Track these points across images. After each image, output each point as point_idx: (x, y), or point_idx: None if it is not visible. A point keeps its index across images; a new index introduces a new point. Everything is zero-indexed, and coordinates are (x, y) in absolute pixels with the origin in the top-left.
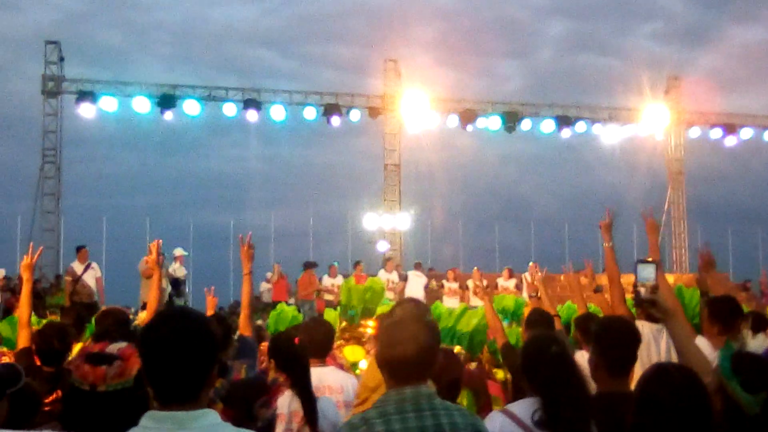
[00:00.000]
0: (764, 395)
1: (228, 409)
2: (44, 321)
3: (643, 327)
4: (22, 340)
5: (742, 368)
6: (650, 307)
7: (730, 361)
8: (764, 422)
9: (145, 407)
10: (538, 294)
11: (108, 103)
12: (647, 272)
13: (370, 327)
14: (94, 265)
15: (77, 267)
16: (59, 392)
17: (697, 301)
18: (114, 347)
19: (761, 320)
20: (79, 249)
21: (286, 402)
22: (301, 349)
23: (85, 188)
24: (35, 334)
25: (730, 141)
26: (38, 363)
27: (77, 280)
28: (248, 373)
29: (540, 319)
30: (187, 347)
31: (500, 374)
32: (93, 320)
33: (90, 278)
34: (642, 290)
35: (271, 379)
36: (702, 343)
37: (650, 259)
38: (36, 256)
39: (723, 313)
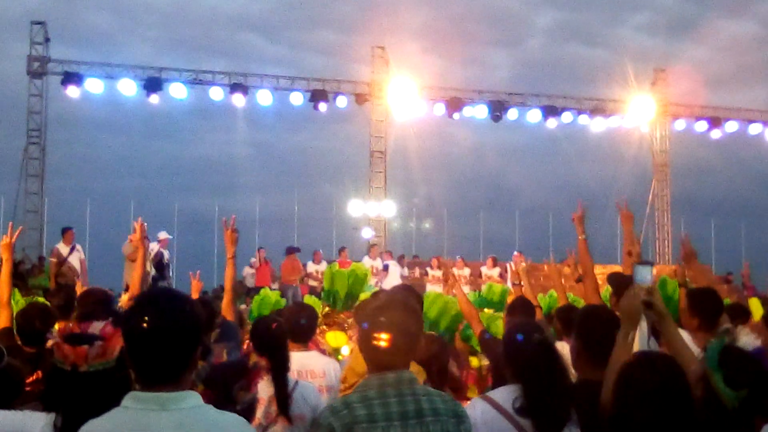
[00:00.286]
0: (745, 393)
1: (208, 391)
2: (27, 299)
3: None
4: (3, 320)
5: (728, 362)
6: (647, 309)
7: (718, 353)
8: (741, 417)
9: (127, 388)
10: (521, 282)
11: (94, 85)
12: (644, 274)
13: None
14: (78, 247)
15: (63, 248)
16: (39, 373)
17: (672, 294)
18: (96, 327)
19: (741, 311)
20: (65, 231)
21: (266, 386)
22: (280, 333)
23: (69, 170)
24: (17, 314)
25: (716, 134)
26: (19, 343)
27: (63, 261)
28: (231, 356)
29: (522, 307)
30: (171, 329)
31: (475, 362)
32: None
33: (75, 260)
34: (641, 293)
35: (252, 363)
36: (683, 336)
37: (648, 261)
38: (15, 236)
39: (704, 306)
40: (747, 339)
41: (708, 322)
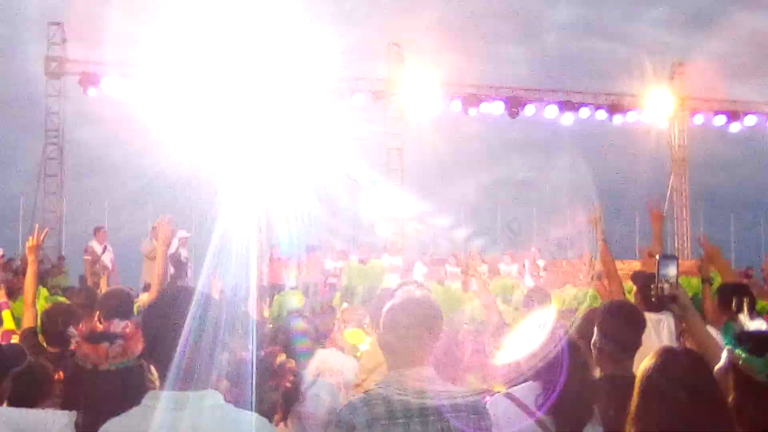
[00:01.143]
0: None
1: (234, 388)
2: (56, 298)
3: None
4: (28, 320)
5: (745, 337)
6: (671, 302)
7: (733, 334)
8: None
9: (146, 387)
10: (540, 273)
11: (111, 85)
12: (670, 268)
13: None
14: (109, 246)
15: (96, 247)
16: (61, 373)
17: (696, 290)
18: (117, 325)
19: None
20: (97, 229)
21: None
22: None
23: (87, 170)
24: (41, 314)
25: (735, 128)
26: (43, 343)
27: (97, 260)
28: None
29: (540, 300)
30: (191, 327)
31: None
32: None
33: (107, 259)
34: (666, 286)
35: (278, 362)
36: (711, 332)
37: (672, 255)
38: (41, 238)
39: (730, 300)
40: (756, 323)
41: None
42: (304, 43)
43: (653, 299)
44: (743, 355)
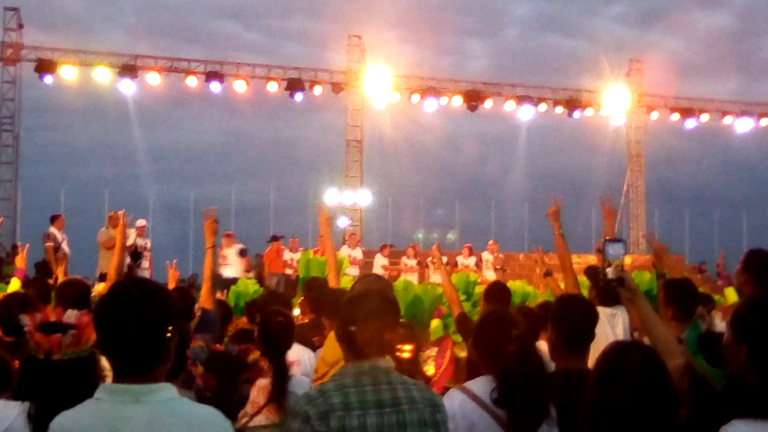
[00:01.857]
0: (729, 369)
1: (209, 376)
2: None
3: (598, 311)
4: None
5: (708, 344)
6: (618, 285)
7: (697, 339)
8: (729, 396)
9: (99, 379)
10: (503, 267)
11: (68, 72)
12: (616, 250)
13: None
14: (65, 234)
15: (57, 234)
16: (17, 362)
17: (649, 286)
18: (71, 315)
19: (709, 300)
20: (56, 217)
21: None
22: (289, 329)
23: (43, 158)
24: None
25: (690, 124)
26: None
27: (58, 247)
28: (209, 347)
29: (498, 294)
30: (143, 320)
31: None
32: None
33: (66, 247)
34: (609, 270)
35: (252, 359)
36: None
37: (619, 238)
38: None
39: (680, 297)
40: (722, 323)
41: (683, 313)
42: (265, 33)
43: (601, 283)
44: (704, 365)
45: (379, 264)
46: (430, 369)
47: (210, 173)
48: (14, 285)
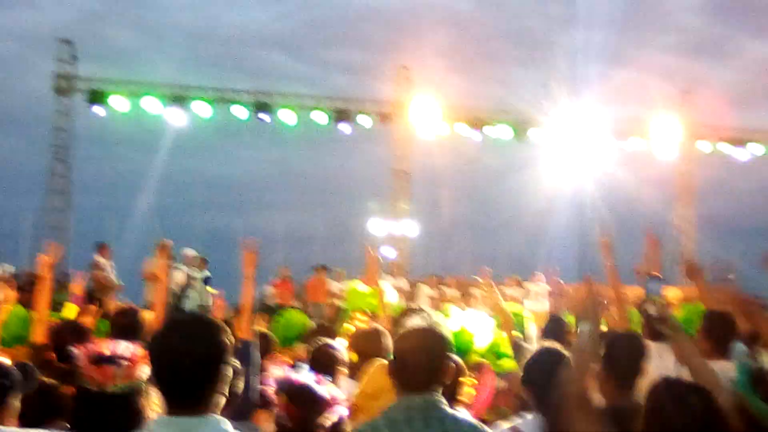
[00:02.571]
0: None
1: (293, 408)
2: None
3: (649, 345)
4: (40, 336)
5: (762, 383)
6: (660, 323)
7: (749, 376)
8: None
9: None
10: (560, 293)
11: (119, 103)
12: (655, 287)
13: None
14: (113, 262)
15: (104, 262)
16: (72, 388)
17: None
18: (125, 347)
19: (756, 335)
20: (102, 246)
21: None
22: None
23: (93, 187)
24: (50, 330)
25: (741, 155)
26: (53, 358)
27: (107, 275)
28: (250, 378)
29: (555, 328)
30: (195, 355)
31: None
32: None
33: (112, 275)
34: (650, 307)
35: (330, 391)
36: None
37: (660, 275)
38: (56, 255)
39: (717, 329)
40: None
41: (720, 347)
42: (313, 64)
43: (643, 319)
44: (757, 404)
45: (425, 294)
46: (469, 394)
47: (257, 203)
48: (70, 311)
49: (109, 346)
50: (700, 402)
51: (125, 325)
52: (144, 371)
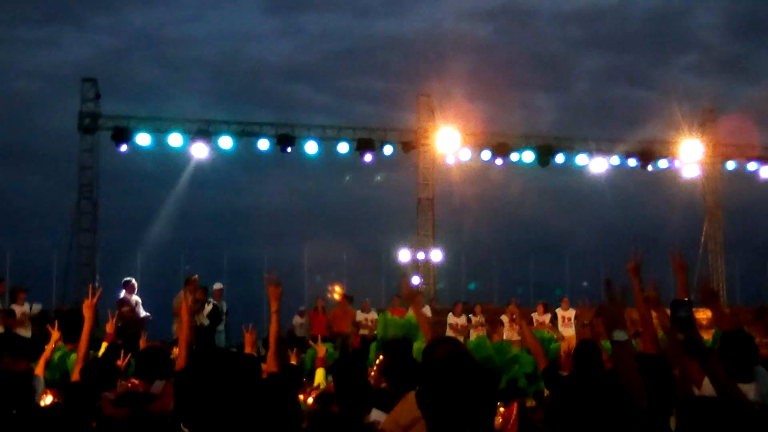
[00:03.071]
0: None
1: None
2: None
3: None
4: (76, 374)
5: None
6: (688, 347)
7: None
8: None
9: None
10: (591, 323)
11: (143, 139)
12: (683, 310)
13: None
14: (138, 299)
15: (131, 299)
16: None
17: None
18: (158, 386)
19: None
20: (126, 283)
21: None
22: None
23: (120, 222)
24: (82, 369)
25: (767, 173)
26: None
27: (134, 312)
28: None
29: (587, 356)
30: (223, 391)
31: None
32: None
33: (141, 310)
34: (680, 334)
35: (366, 423)
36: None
37: (683, 300)
38: (96, 297)
39: (735, 352)
40: None
41: (740, 369)
42: (335, 94)
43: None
44: None
45: (452, 322)
46: (496, 421)
47: (282, 234)
48: (102, 349)
49: (144, 385)
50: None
51: (152, 364)
52: (168, 407)
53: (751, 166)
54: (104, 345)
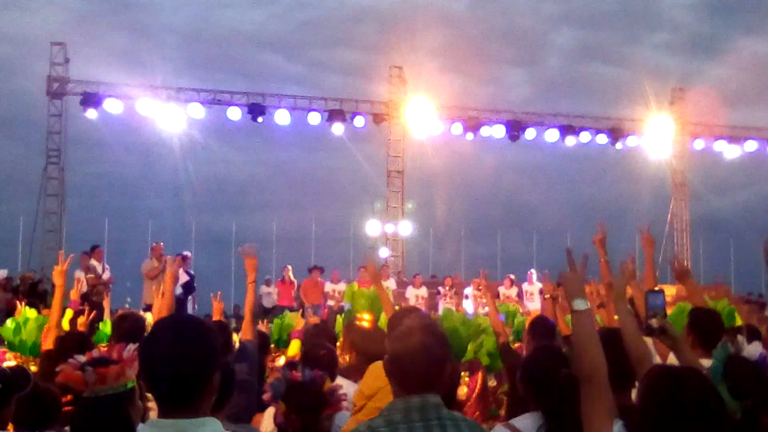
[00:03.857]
0: (749, 402)
1: (293, 415)
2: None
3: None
4: (50, 342)
5: (733, 373)
6: (661, 334)
7: (723, 364)
8: (744, 428)
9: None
10: (552, 296)
11: (112, 105)
12: (657, 300)
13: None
14: (106, 265)
15: (97, 266)
16: (70, 396)
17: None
18: (130, 349)
19: (755, 332)
20: (94, 248)
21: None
22: (331, 362)
23: (87, 189)
24: (55, 339)
25: (734, 153)
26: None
27: (99, 279)
28: (249, 376)
29: (542, 329)
30: (186, 357)
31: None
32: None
33: (106, 278)
34: (653, 321)
35: (328, 388)
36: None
37: (659, 288)
38: (67, 263)
39: (703, 326)
40: (752, 348)
41: (704, 342)
42: (307, 65)
43: (644, 332)
44: (724, 394)
45: (413, 295)
46: (461, 391)
47: (251, 204)
48: (68, 316)
49: (116, 349)
50: (701, 389)
51: (127, 330)
52: (132, 373)
53: (719, 145)
54: (69, 312)
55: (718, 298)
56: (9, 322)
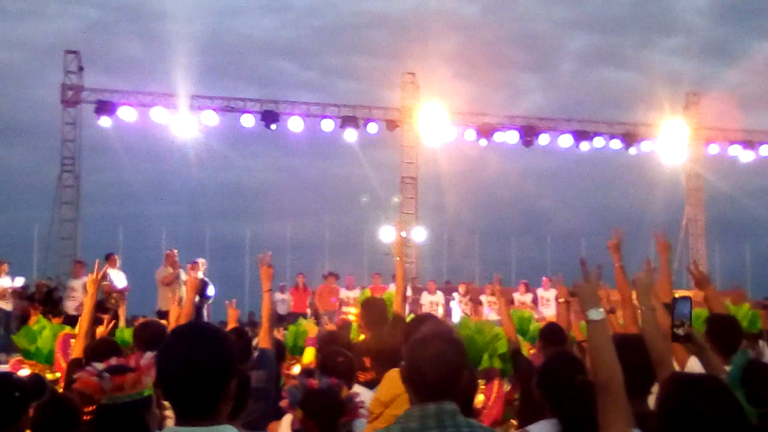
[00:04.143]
0: (767, 409)
1: (310, 422)
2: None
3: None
4: (79, 351)
5: (751, 379)
6: (685, 341)
7: (741, 371)
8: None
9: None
10: (566, 300)
11: (126, 113)
12: (684, 307)
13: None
14: (121, 272)
15: (110, 273)
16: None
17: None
18: (148, 357)
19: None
20: (109, 256)
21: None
22: (348, 368)
23: (102, 197)
24: (85, 348)
25: (749, 157)
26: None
27: (113, 287)
28: (266, 384)
29: (555, 336)
30: (203, 364)
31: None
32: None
33: (121, 286)
34: (679, 331)
35: (345, 395)
36: (694, 363)
37: (687, 295)
38: (101, 273)
39: (722, 333)
40: None
41: (722, 349)
42: (320, 71)
43: (671, 339)
44: (742, 399)
45: (428, 301)
46: (478, 399)
47: (265, 211)
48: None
49: (135, 358)
50: (718, 397)
51: (148, 338)
52: (147, 382)
53: (734, 149)
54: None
55: (739, 304)
56: (23, 331)
